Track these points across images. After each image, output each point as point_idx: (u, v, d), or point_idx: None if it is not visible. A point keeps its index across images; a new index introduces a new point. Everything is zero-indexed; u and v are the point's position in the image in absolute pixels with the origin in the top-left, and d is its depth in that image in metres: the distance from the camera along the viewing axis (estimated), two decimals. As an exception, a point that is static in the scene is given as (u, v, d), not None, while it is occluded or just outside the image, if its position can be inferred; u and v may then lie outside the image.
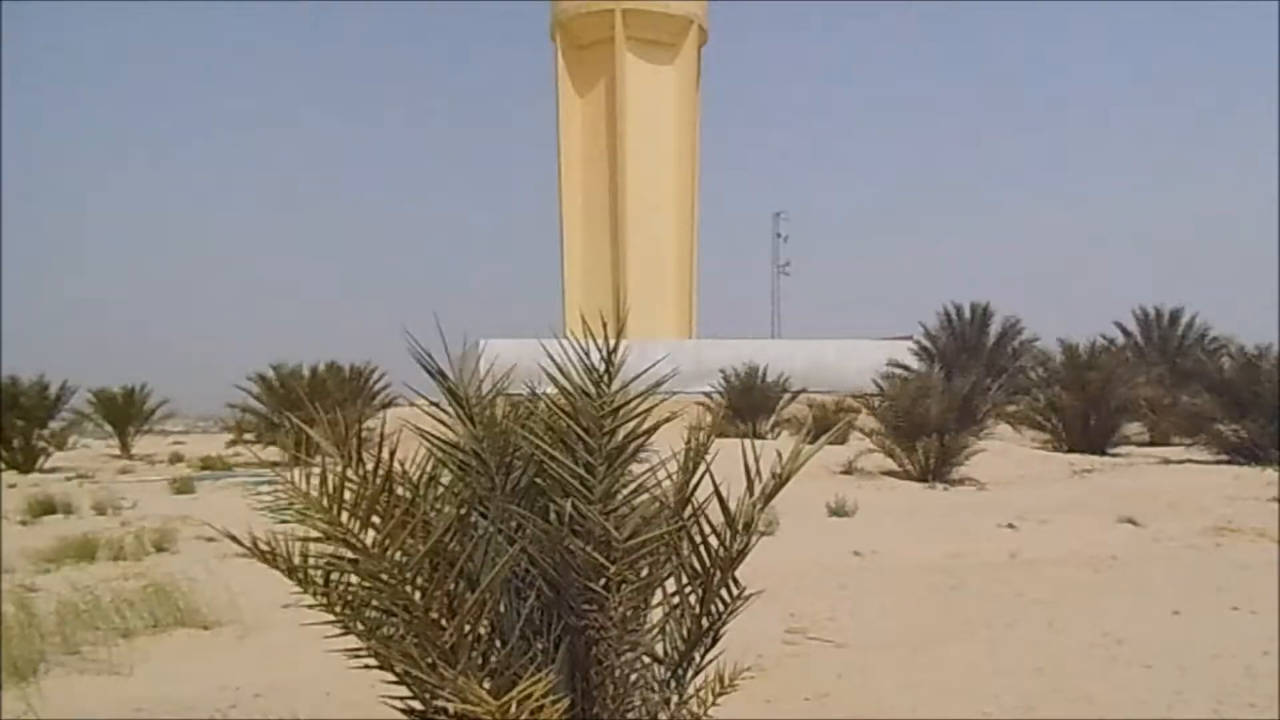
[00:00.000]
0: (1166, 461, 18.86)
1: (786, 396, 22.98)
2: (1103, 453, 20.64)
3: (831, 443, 18.03)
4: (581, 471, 2.78)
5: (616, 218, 32.75)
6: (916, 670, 5.20)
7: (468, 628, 2.65)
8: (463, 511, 2.78)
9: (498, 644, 2.77)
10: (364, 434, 3.01)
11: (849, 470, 14.90)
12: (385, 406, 22.97)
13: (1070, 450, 20.58)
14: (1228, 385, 19.34)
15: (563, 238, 33.96)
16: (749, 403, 22.53)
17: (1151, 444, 23.01)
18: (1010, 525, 10.02)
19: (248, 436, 25.65)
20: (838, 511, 10.63)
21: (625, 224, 32.50)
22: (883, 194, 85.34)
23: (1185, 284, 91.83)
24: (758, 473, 2.94)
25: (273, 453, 19.27)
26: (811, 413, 19.53)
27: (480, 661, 2.70)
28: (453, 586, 2.64)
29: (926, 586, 7.25)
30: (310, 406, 2.92)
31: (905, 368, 21.25)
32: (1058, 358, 23.06)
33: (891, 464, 15.02)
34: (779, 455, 2.99)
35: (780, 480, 3.01)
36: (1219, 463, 18.13)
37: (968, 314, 27.17)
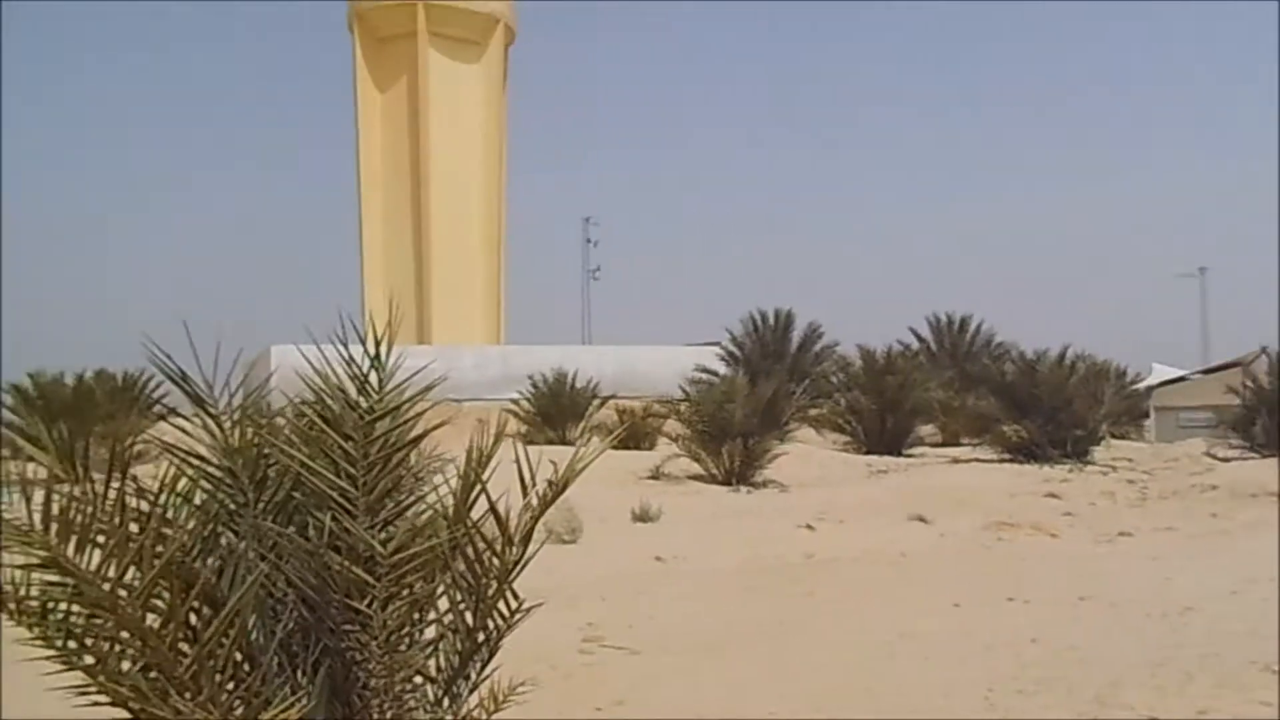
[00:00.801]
0: (956, 461, 20.17)
1: (596, 402, 23.16)
2: (899, 453, 21.85)
3: (639, 448, 18.33)
4: (343, 483, 2.66)
5: (420, 220, 32.11)
6: (710, 674, 5.30)
7: (218, 653, 2.48)
8: (207, 530, 2.60)
9: (249, 671, 2.61)
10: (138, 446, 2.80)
11: (656, 475, 15.13)
12: (163, 417, 21.56)
13: (869, 452, 21.67)
14: (1010, 388, 20.94)
15: (362, 239, 32.99)
16: (558, 409, 22.56)
17: (943, 444, 24.54)
18: (809, 526, 10.42)
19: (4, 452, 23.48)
20: (642, 517, 10.77)
21: (429, 227, 31.92)
22: (694, 200, 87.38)
23: (972, 292, 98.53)
24: (533, 481, 2.90)
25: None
26: (621, 419, 19.73)
27: (229, 690, 2.54)
28: (195, 610, 2.47)
29: (726, 589, 7.42)
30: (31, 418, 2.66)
31: (712, 373, 21.81)
32: (857, 363, 24.24)
33: (698, 468, 15.36)
34: (553, 465, 2.96)
35: (559, 488, 2.98)
36: (1002, 461, 19.56)
37: (772, 320, 28.24)
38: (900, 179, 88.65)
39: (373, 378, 2.74)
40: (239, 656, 2.58)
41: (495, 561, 2.85)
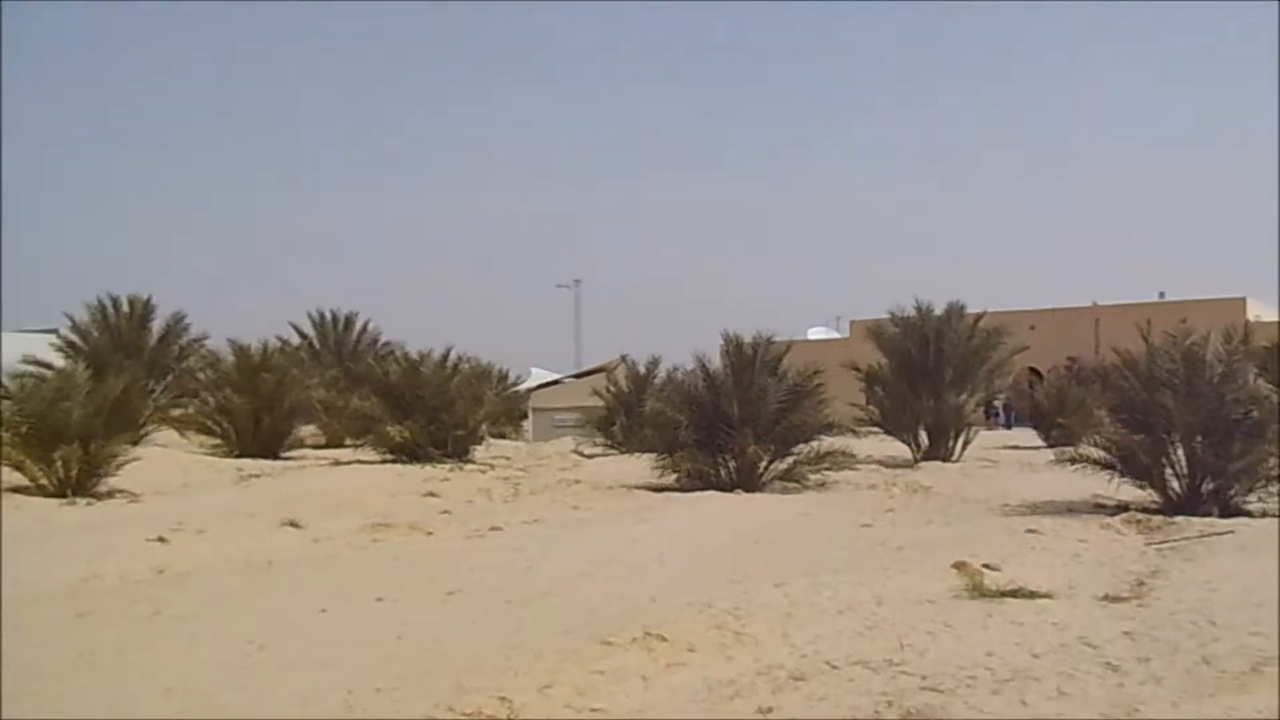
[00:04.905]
0: (337, 463, 20.40)
1: None
2: (276, 456, 21.51)
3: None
4: None
5: None
6: (13, 720, 4.72)
7: None
8: None
9: None
10: None
11: (-47, 490, 13.08)
12: None
13: (241, 455, 21.03)
14: (393, 388, 21.70)
15: None
16: None
17: (326, 446, 24.66)
18: (161, 539, 9.80)
19: None
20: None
21: None
22: (25, 158, 76.57)
23: (365, 292, 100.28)
24: None
25: None
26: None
27: None
28: None
29: (45, 620, 6.68)
30: None
31: (45, 365, 19.52)
32: (230, 358, 23.38)
33: (21, 478, 13.59)
34: None
35: None
36: (385, 462, 20.21)
37: (126, 308, 25.99)
38: (282, 168, 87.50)
39: None
40: None
41: None
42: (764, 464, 15.67)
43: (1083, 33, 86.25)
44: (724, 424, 15.60)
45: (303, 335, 32.34)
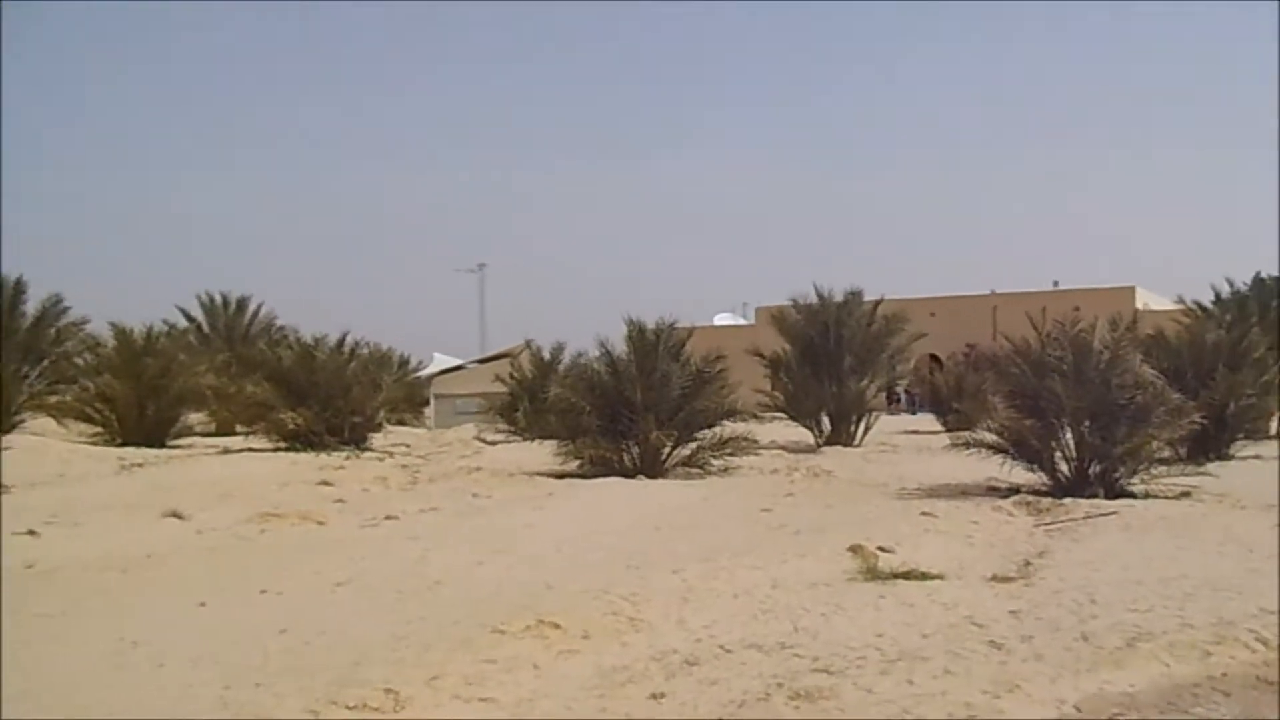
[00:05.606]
0: (227, 451, 19.89)
1: None
2: (162, 445, 20.88)
3: None
4: None
5: None
6: None
7: None
8: None
9: None
10: None
11: None
12: None
13: (125, 443, 20.38)
14: (287, 374, 21.23)
15: None
16: None
17: (216, 433, 24.03)
18: (31, 532, 9.43)
19: None
20: None
21: None
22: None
23: (263, 276, 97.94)
24: None
25: None
26: None
27: None
28: None
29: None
30: None
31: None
32: (111, 343, 22.61)
33: (-119, 470, 12.97)
34: None
35: None
36: (278, 450, 19.77)
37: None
38: (171, 145, 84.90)
39: None
40: None
41: None
42: (667, 450, 15.73)
43: (966, 25, 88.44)
44: (627, 410, 15.61)
45: (190, 319, 31.41)
